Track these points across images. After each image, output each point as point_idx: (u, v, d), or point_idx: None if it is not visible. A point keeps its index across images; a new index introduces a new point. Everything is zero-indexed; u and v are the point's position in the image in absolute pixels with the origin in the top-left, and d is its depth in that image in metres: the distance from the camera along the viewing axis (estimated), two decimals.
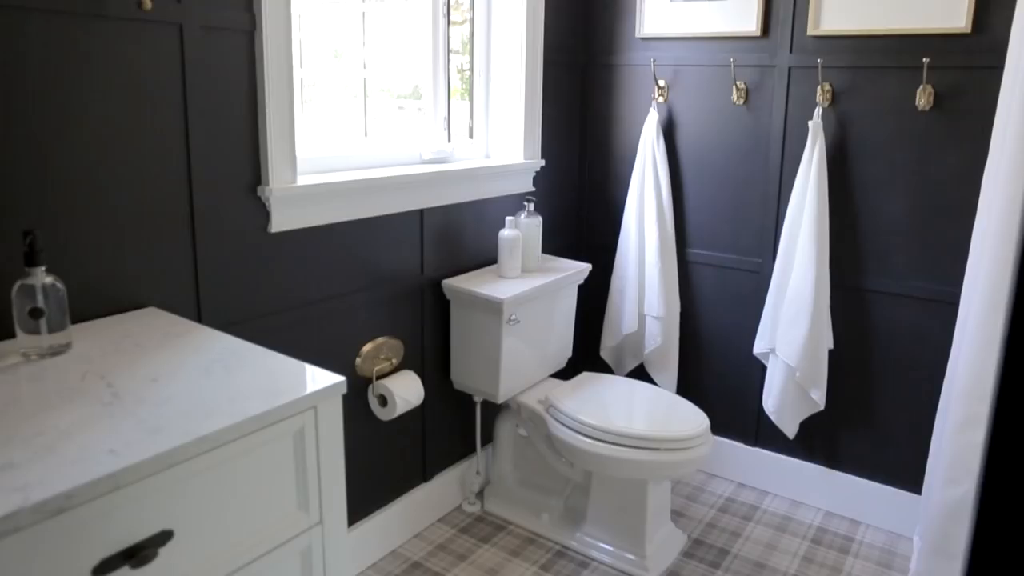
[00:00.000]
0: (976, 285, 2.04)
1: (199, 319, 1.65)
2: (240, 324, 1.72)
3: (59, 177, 1.38)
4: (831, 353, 2.41)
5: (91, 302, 1.45)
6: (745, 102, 2.49)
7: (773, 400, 2.47)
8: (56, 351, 1.23)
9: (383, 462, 2.24)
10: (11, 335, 1.23)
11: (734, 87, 2.48)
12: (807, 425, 2.49)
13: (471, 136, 2.54)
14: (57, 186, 1.38)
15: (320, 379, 1.19)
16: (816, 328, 2.33)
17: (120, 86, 1.45)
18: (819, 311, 2.33)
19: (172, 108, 1.55)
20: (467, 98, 2.52)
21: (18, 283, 1.18)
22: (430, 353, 2.33)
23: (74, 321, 1.33)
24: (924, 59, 2.15)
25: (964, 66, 2.13)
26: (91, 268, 1.45)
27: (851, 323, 2.43)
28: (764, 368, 2.53)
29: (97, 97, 1.42)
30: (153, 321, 1.46)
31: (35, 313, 1.19)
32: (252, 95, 1.69)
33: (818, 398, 2.38)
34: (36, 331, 1.20)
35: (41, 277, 1.19)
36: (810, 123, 2.31)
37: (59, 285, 1.21)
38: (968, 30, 2.10)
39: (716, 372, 2.72)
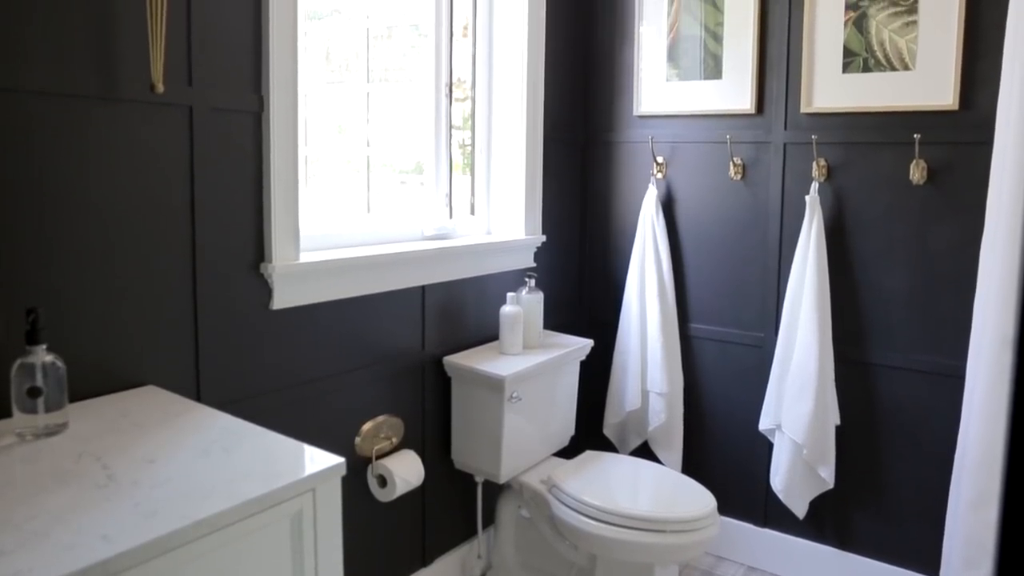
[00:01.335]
0: (980, 358, 2.04)
1: (198, 397, 1.63)
2: (240, 402, 1.70)
3: (62, 254, 1.39)
4: (838, 429, 2.37)
5: (90, 380, 1.43)
6: (742, 178, 2.53)
7: (781, 478, 2.41)
8: (52, 431, 1.20)
9: (382, 545, 2.17)
10: (7, 414, 1.21)
11: (731, 163, 2.53)
12: (817, 504, 2.43)
13: (473, 212, 2.57)
14: (60, 263, 1.38)
15: (319, 460, 1.16)
16: (822, 403, 2.30)
17: (128, 166, 1.48)
18: (824, 386, 2.31)
19: (179, 187, 1.57)
20: (469, 173, 2.57)
21: (18, 361, 1.17)
22: (431, 432, 2.30)
23: (72, 400, 1.31)
24: (915, 135, 2.20)
25: (954, 141, 2.18)
26: (91, 346, 1.44)
27: (857, 398, 2.40)
28: (770, 445, 2.49)
29: (104, 176, 1.44)
30: (152, 400, 1.44)
31: (33, 392, 1.17)
32: (257, 174, 1.72)
33: (827, 476, 2.33)
34: (33, 410, 1.18)
35: (41, 355, 1.18)
36: (807, 198, 2.35)
37: (59, 363, 1.20)
38: (956, 107, 2.15)
39: (722, 450, 2.67)
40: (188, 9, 1.55)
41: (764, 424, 2.47)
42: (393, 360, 2.14)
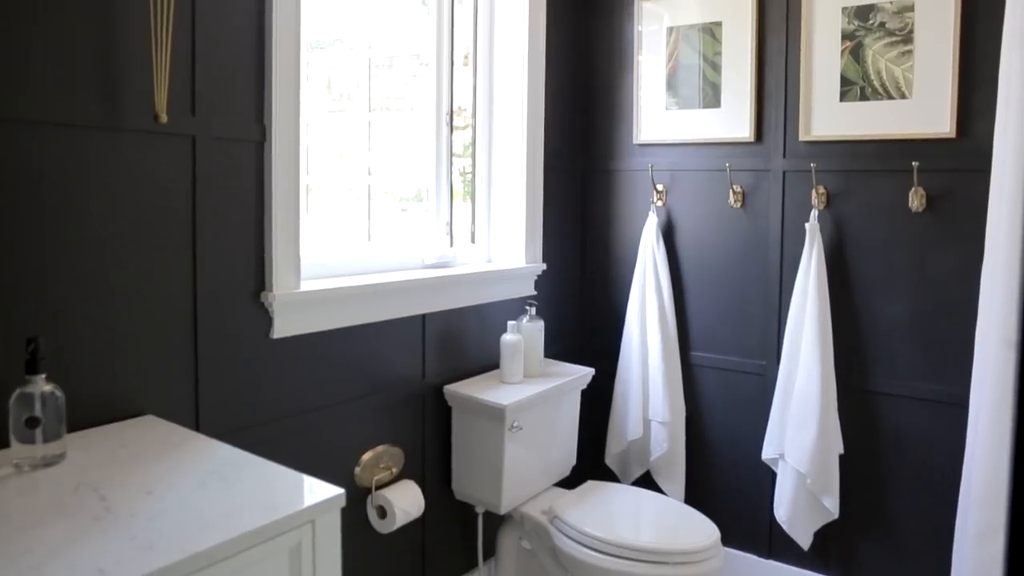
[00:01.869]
0: (983, 387, 2.03)
1: (197, 427, 1.61)
2: (239, 432, 1.68)
3: (62, 283, 1.39)
4: (842, 458, 2.35)
5: (88, 410, 1.42)
6: (742, 205, 2.54)
7: (785, 509, 2.39)
8: (50, 462, 1.19)
9: None
10: (4, 444, 1.20)
11: (731, 191, 2.54)
12: (822, 535, 2.40)
13: (473, 240, 2.58)
14: (60, 291, 1.38)
15: (318, 491, 1.15)
16: (825, 432, 2.28)
17: (130, 196, 1.48)
18: (827, 414, 2.29)
19: (180, 216, 1.57)
20: (470, 200, 2.58)
21: (17, 391, 1.17)
22: (431, 461, 2.28)
23: (70, 430, 1.30)
24: (913, 163, 2.21)
25: (952, 169, 2.19)
26: (91, 375, 1.43)
27: (860, 426, 2.38)
28: (774, 474, 2.46)
29: (106, 206, 1.44)
30: (150, 430, 1.43)
31: (32, 423, 1.16)
32: (259, 203, 1.73)
33: (831, 506, 2.30)
34: (31, 440, 1.17)
35: (41, 385, 1.17)
36: (807, 225, 2.35)
37: (58, 393, 1.19)
38: (953, 135, 2.17)
39: (725, 479, 2.65)
40: (193, 39, 1.56)
41: (767, 453, 2.45)
42: (393, 389, 2.13)
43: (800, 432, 2.31)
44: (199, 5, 1.57)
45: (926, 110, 2.21)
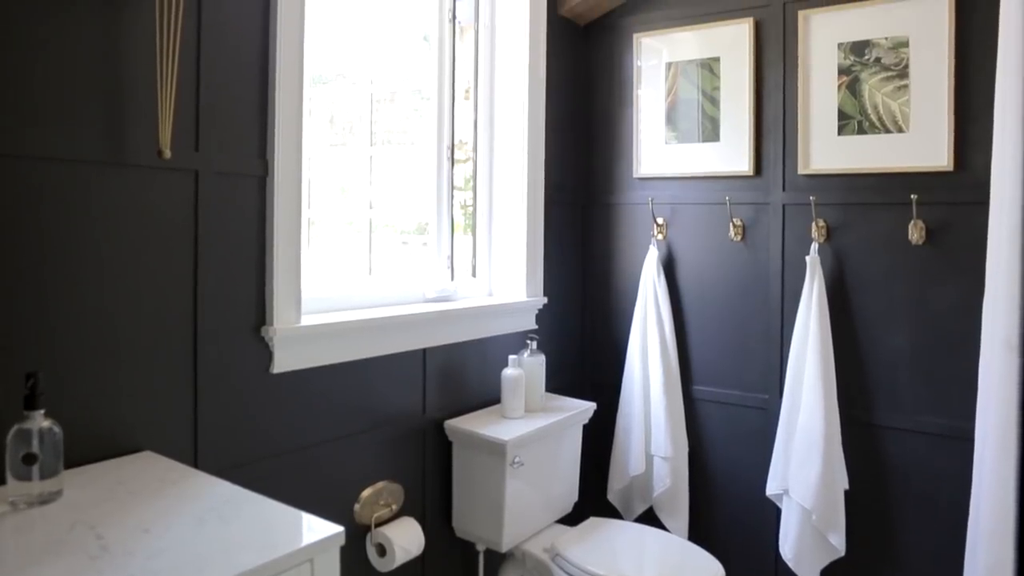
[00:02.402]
0: (987, 422, 2.01)
1: (196, 463, 1.59)
2: (238, 468, 1.66)
3: (61, 317, 1.38)
4: (847, 494, 2.32)
5: (86, 446, 1.40)
6: (742, 239, 2.55)
7: (790, 546, 2.35)
8: (46, 499, 1.17)
9: None
10: (1, 481, 1.18)
11: (731, 224, 2.55)
12: (829, 572, 2.35)
13: (474, 274, 2.58)
14: (59, 326, 1.37)
15: (317, 529, 1.14)
16: (829, 467, 2.26)
17: (132, 230, 1.48)
18: (831, 449, 2.27)
19: (182, 251, 1.57)
20: (470, 233, 2.58)
21: (15, 427, 1.15)
22: (431, 498, 2.25)
23: (67, 466, 1.28)
24: (912, 196, 2.22)
25: (951, 202, 2.20)
26: (88, 411, 1.42)
27: (865, 461, 2.36)
28: (779, 511, 2.43)
29: (107, 241, 1.44)
30: (148, 466, 1.41)
31: (29, 459, 1.14)
32: (261, 237, 1.73)
33: (837, 543, 2.27)
34: (28, 477, 1.15)
35: (39, 421, 1.16)
36: (807, 258, 2.35)
37: (56, 429, 1.18)
38: (951, 168, 2.18)
39: (729, 516, 2.61)
40: (197, 75, 1.58)
41: (771, 489, 2.42)
42: (394, 424, 2.11)
43: (804, 467, 2.29)
44: (204, 41, 1.59)
45: (923, 143, 2.22)
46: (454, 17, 2.43)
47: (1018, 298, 1.95)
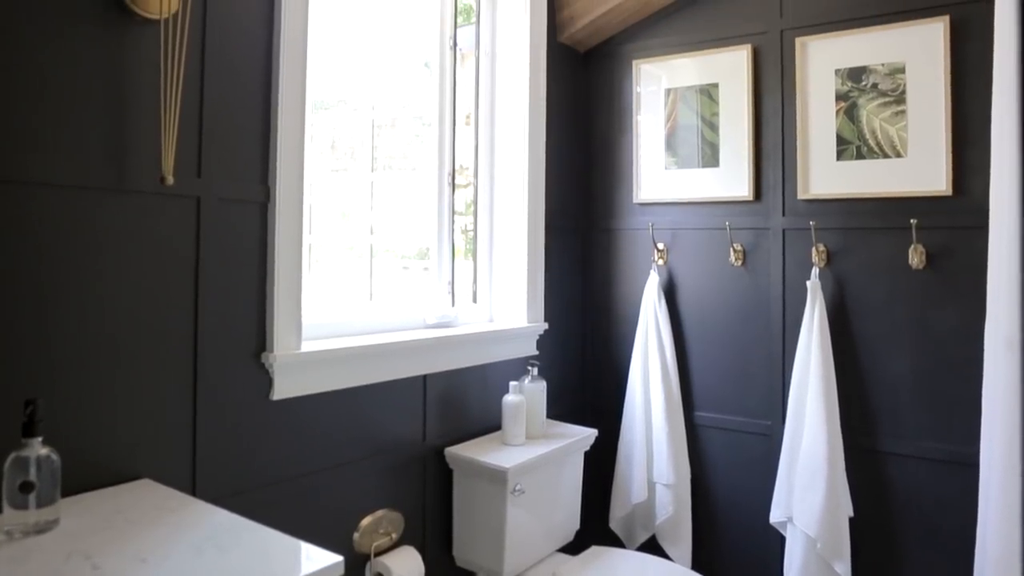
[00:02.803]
0: (992, 448, 1.99)
1: (194, 491, 1.57)
2: (236, 496, 1.64)
3: (60, 343, 1.37)
4: (852, 521, 2.30)
5: (84, 474, 1.38)
6: (743, 263, 2.55)
7: (795, 574, 2.32)
8: (42, 528, 1.15)
9: None
10: None
11: (731, 249, 2.55)
12: None
13: (475, 300, 2.57)
14: (57, 352, 1.36)
15: (316, 559, 1.12)
16: (833, 494, 2.24)
17: (133, 256, 1.48)
18: (835, 475, 2.25)
19: (183, 277, 1.56)
20: (471, 257, 2.58)
21: (13, 455, 1.14)
22: (432, 526, 2.22)
23: (64, 494, 1.26)
24: (911, 220, 2.22)
25: (950, 226, 2.20)
26: (86, 438, 1.40)
27: (869, 488, 2.34)
28: (783, 539, 2.40)
29: (108, 266, 1.44)
30: (146, 495, 1.39)
31: (26, 487, 1.13)
32: (262, 263, 1.72)
33: (843, 571, 2.24)
34: (24, 506, 1.14)
35: (37, 448, 1.14)
36: (808, 283, 2.35)
37: (54, 457, 1.16)
38: (950, 193, 2.19)
39: (732, 544, 2.58)
40: (201, 102, 1.59)
41: (775, 517, 2.40)
42: (394, 452, 2.09)
43: (808, 494, 2.27)
44: (208, 68, 1.60)
45: (922, 168, 2.23)
46: (455, 44, 2.45)
47: (1018, 323, 1.95)
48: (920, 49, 2.24)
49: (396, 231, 2.42)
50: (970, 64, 2.18)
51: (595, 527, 2.78)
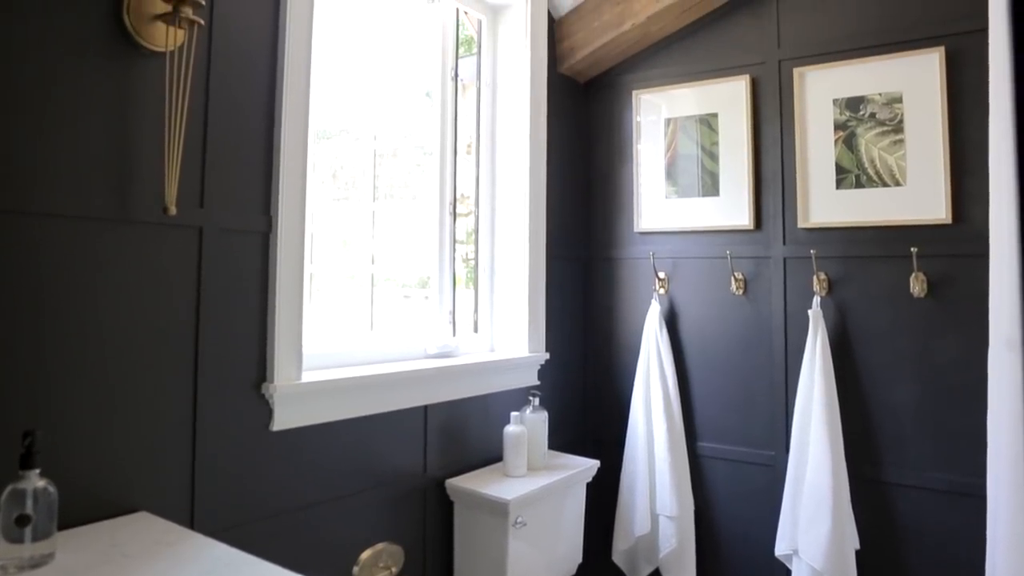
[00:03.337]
0: (999, 478, 1.97)
1: (192, 524, 1.55)
2: (235, 529, 1.61)
3: (60, 375, 1.36)
4: (858, 554, 2.26)
5: (81, 506, 1.36)
6: (744, 292, 2.54)
7: None
8: (37, 562, 1.13)
9: None
10: None
11: (732, 278, 2.55)
12: None
13: (476, 329, 2.56)
14: (57, 384, 1.35)
15: None
16: (839, 525, 2.21)
17: (134, 287, 1.47)
18: (840, 507, 2.22)
19: (184, 307, 1.55)
20: (472, 286, 2.58)
21: (9, 487, 1.12)
22: (432, 560, 2.18)
23: (61, 527, 1.24)
24: (912, 248, 2.22)
25: (951, 254, 2.20)
26: (84, 470, 1.38)
27: (875, 520, 2.31)
28: (788, 571, 2.36)
29: (109, 297, 1.43)
30: (144, 528, 1.37)
31: (22, 520, 1.11)
32: (263, 293, 1.72)
33: None
34: (20, 540, 1.11)
35: (34, 481, 1.13)
36: (810, 312, 2.35)
37: (51, 489, 1.15)
38: (950, 221, 2.20)
39: None
40: (204, 133, 1.59)
41: (780, 549, 2.36)
42: (394, 483, 2.06)
43: (813, 526, 2.24)
44: (212, 100, 1.61)
45: (921, 197, 2.24)
46: (456, 75, 2.48)
47: (1020, 354, 1.94)
48: (916, 79, 2.26)
49: (397, 260, 2.42)
50: (966, 93, 2.20)
51: (597, 560, 2.74)
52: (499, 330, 2.58)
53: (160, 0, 1.45)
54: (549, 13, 2.72)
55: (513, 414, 2.31)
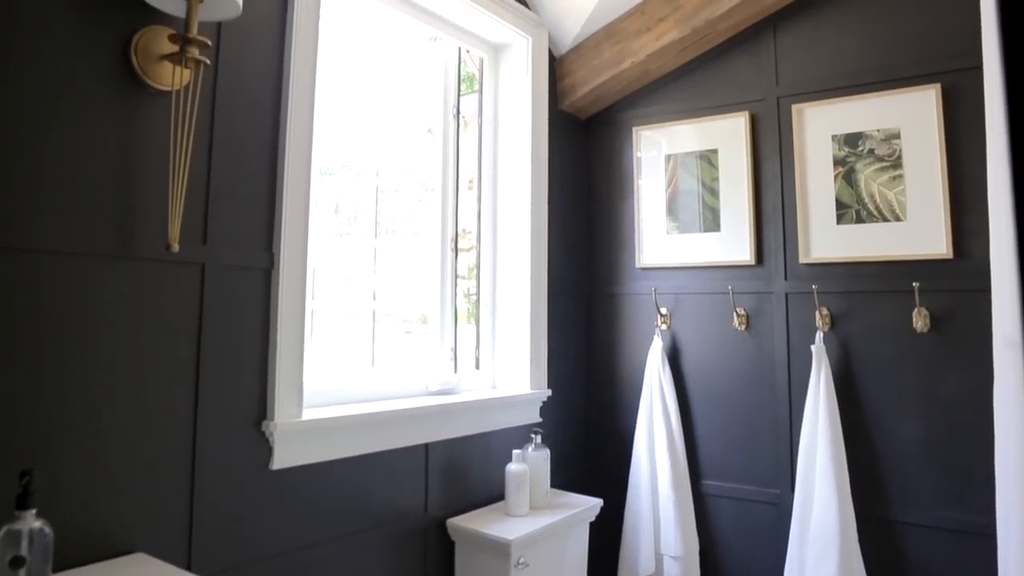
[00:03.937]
0: (1010, 517, 1.94)
1: (189, 565, 1.52)
2: (233, 570, 1.58)
3: (58, 413, 1.34)
4: None
5: (76, 547, 1.33)
6: (747, 328, 2.53)
7: None
8: None
9: None
10: None
11: (734, 313, 2.54)
12: None
13: (477, 366, 2.54)
14: (55, 422, 1.33)
15: None
16: (847, 565, 2.17)
17: (136, 324, 1.46)
18: (848, 546, 2.19)
19: (185, 345, 1.54)
20: (473, 322, 2.57)
21: (5, 528, 1.09)
22: None
23: (56, 569, 1.22)
24: (914, 283, 2.22)
25: (953, 289, 2.20)
26: (80, 510, 1.36)
27: (883, 559, 2.27)
28: None
29: (111, 335, 1.42)
30: (140, 570, 1.33)
31: (16, 563, 1.08)
32: (264, 330, 1.70)
33: None
34: None
35: (30, 521, 1.10)
36: (812, 347, 2.34)
37: (47, 530, 1.12)
38: (951, 256, 2.20)
39: None
40: (208, 170, 1.60)
41: None
42: (395, 523, 2.03)
43: (821, 565, 2.20)
44: (216, 137, 1.62)
45: (922, 232, 2.25)
46: (458, 112, 2.50)
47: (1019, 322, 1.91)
48: (914, 115, 2.28)
49: (399, 295, 2.41)
50: (963, 129, 2.21)
51: None
52: (501, 366, 2.57)
53: (168, 41, 1.46)
54: (550, 51, 2.76)
55: (515, 452, 2.28)
